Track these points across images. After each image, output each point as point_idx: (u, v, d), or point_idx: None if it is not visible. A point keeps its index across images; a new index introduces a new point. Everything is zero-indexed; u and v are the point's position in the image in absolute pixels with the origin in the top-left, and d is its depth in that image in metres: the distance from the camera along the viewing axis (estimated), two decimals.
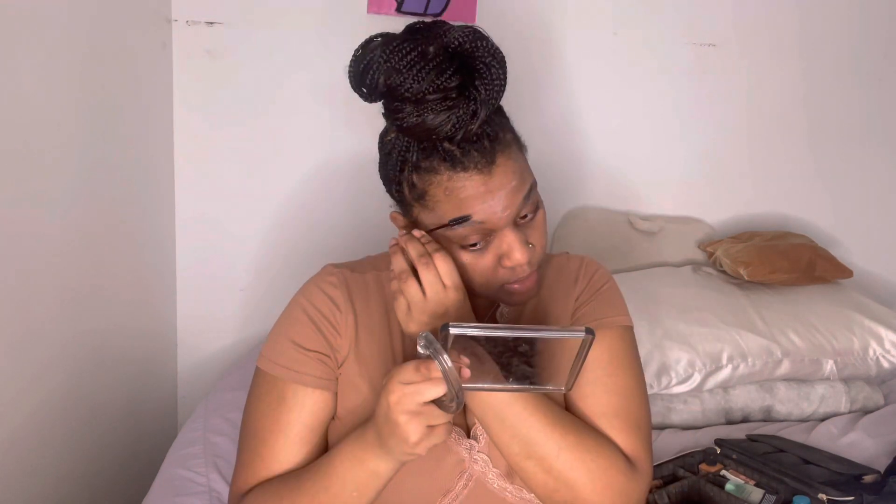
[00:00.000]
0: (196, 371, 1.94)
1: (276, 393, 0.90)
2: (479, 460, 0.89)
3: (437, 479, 0.89)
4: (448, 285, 0.82)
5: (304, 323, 0.92)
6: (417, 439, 0.74)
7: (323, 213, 1.92)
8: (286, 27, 1.81)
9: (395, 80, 0.79)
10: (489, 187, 0.80)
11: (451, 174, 0.80)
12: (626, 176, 2.03)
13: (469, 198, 0.81)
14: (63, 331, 1.37)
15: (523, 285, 0.87)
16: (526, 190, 0.84)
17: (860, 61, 2.06)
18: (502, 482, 0.90)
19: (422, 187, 0.82)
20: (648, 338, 1.61)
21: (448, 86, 0.78)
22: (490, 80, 0.80)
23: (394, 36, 0.81)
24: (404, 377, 0.74)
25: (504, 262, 0.84)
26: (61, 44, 1.32)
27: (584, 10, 1.91)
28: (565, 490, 0.84)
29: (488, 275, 0.85)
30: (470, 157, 0.80)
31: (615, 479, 0.85)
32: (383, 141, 0.88)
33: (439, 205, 0.82)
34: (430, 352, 0.71)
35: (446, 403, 0.73)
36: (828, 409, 1.66)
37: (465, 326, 0.70)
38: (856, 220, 2.14)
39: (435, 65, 0.78)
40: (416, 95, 0.78)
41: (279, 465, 0.89)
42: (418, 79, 0.78)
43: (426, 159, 0.81)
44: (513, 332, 0.71)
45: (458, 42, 0.80)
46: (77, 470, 1.44)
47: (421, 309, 0.83)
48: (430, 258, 0.83)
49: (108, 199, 1.52)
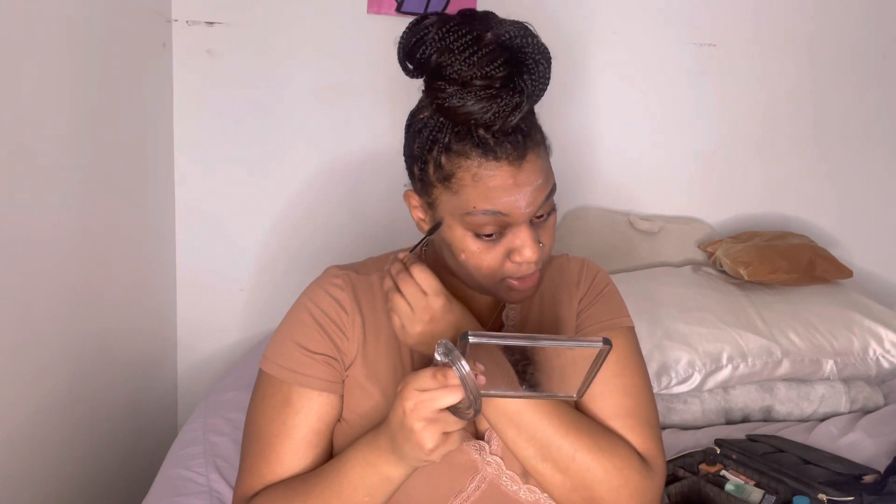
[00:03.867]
0: (196, 371, 1.94)
1: (282, 396, 0.90)
2: (493, 463, 0.90)
3: (448, 481, 0.89)
4: (428, 292, 0.83)
5: (309, 325, 0.92)
6: (433, 446, 0.74)
7: (323, 212, 1.92)
8: (286, 27, 1.81)
9: (445, 59, 0.79)
10: (517, 181, 0.81)
11: (481, 161, 0.81)
12: (626, 176, 2.03)
13: (496, 188, 0.81)
14: (63, 331, 1.37)
15: (524, 283, 0.87)
16: (548, 190, 0.84)
17: (860, 61, 2.06)
18: (516, 484, 0.90)
19: (449, 169, 0.83)
20: (648, 338, 1.61)
21: (495, 75, 0.79)
22: (538, 75, 0.81)
23: (449, 17, 0.82)
24: (421, 384, 0.74)
25: (514, 256, 0.85)
26: (61, 44, 1.32)
27: (584, 10, 1.91)
28: (582, 490, 0.85)
29: (495, 266, 0.85)
30: (503, 148, 0.80)
31: (631, 478, 0.86)
32: (414, 118, 0.87)
33: (465, 189, 0.82)
34: (450, 359, 0.71)
35: (463, 410, 0.73)
36: (828, 409, 1.66)
37: (484, 335, 0.70)
38: (856, 220, 2.14)
39: (487, 52, 0.79)
40: (463, 78, 0.79)
41: (285, 469, 0.88)
42: (469, 62, 0.78)
43: (459, 142, 0.81)
44: (531, 342, 0.72)
45: (510, 35, 0.80)
46: (77, 470, 1.44)
47: (411, 320, 0.84)
48: (406, 272, 0.84)
49: (108, 199, 1.52)
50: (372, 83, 1.85)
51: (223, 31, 1.79)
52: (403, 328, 0.85)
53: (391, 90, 1.83)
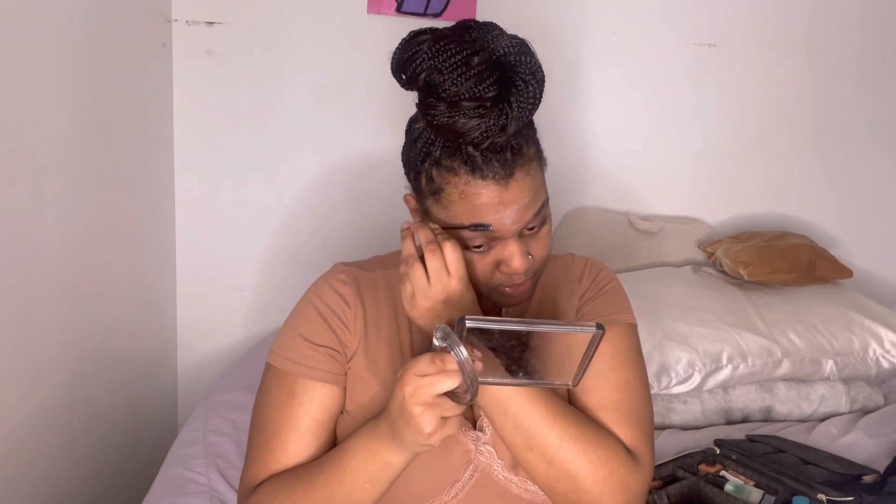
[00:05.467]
0: (196, 371, 1.94)
1: (286, 387, 0.91)
2: (485, 452, 0.91)
3: (444, 470, 0.90)
4: (452, 274, 0.83)
5: (313, 319, 0.93)
6: (432, 430, 0.75)
7: (323, 212, 1.92)
8: (286, 27, 1.81)
9: (435, 78, 0.80)
10: (503, 199, 0.82)
11: (469, 178, 0.82)
12: (626, 176, 2.03)
13: (482, 206, 0.82)
14: (63, 331, 1.37)
15: (516, 290, 0.89)
16: (538, 207, 0.85)
17: (861, 61, 2.06)
18: (507, 473, 0.91)
19: (439, 183, 0.84)
20: (649, 338, 1.61)
21: (484, 95, 0.79)
22: (525, 97, 0.81)
23: (443, 34, 0.83)
24: (419, 369, 0.75)
25: (502, 267, 0.86)
26: (61, 43, 1.32)
27: (584, 10, 1.91)
28: (566, 481, 0.85)
29: (486, 275, 0.87)
30: (490, 167, 0.81)
31: (616, 470, 0.86)
32: (411, 127, 0.89)
33: (452, 205, 0.84)
34: (448, 343, 0.72)
35: (460, 395, 0.75)
36: (828, 410, 1.66)
37: (481, 320, 0.71)
38: (856, 220, 2.14)
39: (477, 72, 0.79)
40: (452, 98, 0.79)
41: (289, 459, 0.90)
42: (458, 83, 0.79)
43: (448, 158, 0.83)
44: (526, 327, 0.73)
45: (504, 52, 0.81)
46: (77, 470, 1.44)
47: (424, 294, 0.84)
48: (437, 245, 0.84)
49: (108, 198, 1.52)
50: (372, 83, 1.85)
51: (223, 31, 1.79)
52: (413, 298, 0.84)
53: (391, 90, 1.81)
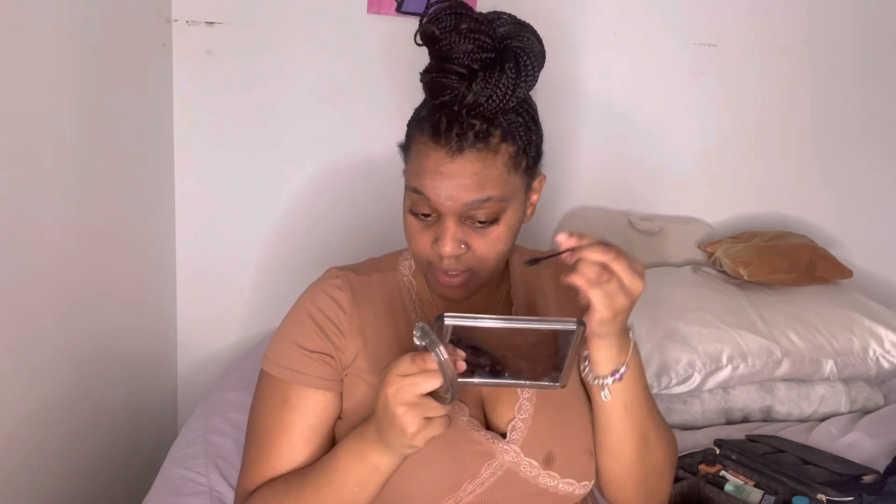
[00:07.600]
0: (196, 371, 1.94)
1: (280, 394, 0.92)
2: (510, 450, 0.90)
3: (461, 467, 0.89)
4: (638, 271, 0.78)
5: (307, 325, 0.93)
6: (415, 430, 0.74)
7: (323, 213, 1.92)
8: (286, 27, 1.81)
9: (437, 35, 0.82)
10: (443, 170, 0.83)
11: (427, 139, 0.84)
12: (626, 176, 2.03)
13: (425, 169, 0.84)
14: (63, 331, 1.37)
15: (446, 278, 0.88)
16: (479, 196, 0.83)
17: (861, 61, 2.05)
18: (536, 470, 0.90)
19: (410, 138, 0.88)
20: (648, 338, 1.61)
21: (468, 63, 0.81)
22: (496, 84, 0.81)
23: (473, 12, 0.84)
24: (401, 369, 0.74)
25: (433, 245, 0.86)
26: (61, 43, 1.32)
27: (584, 10, 1.91)
28: (654, 476, 0.94)
29: (421, 246, 0.88)
30: (447, 136, 0.82)
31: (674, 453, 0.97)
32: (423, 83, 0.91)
33: (410, 162, 0.87)
34: (426, 343, 0.71)
35: (442, 395, 0.74)
36: (828, 410, 1.66)
37: (459, 317, 0.71)
38: (856, 220, 2.14)
39: (478, 43, 0.81)
40: (443, 56, 0.82)
41: (283, 465, 0.90)
42: (452, 44, 0.81)
43: (426, 116, 0.85)
44: (505, 323, 0.72)
45: (510, 40, 0.83)
46: (77, 470, 1.44)
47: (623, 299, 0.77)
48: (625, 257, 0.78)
49: (108, 199, 1.52)
50: (372, 83, 1.85)
51: (223, 31, 1.79)
52: (612, 298, 0.77)
53: (391, 90, 1.83)
